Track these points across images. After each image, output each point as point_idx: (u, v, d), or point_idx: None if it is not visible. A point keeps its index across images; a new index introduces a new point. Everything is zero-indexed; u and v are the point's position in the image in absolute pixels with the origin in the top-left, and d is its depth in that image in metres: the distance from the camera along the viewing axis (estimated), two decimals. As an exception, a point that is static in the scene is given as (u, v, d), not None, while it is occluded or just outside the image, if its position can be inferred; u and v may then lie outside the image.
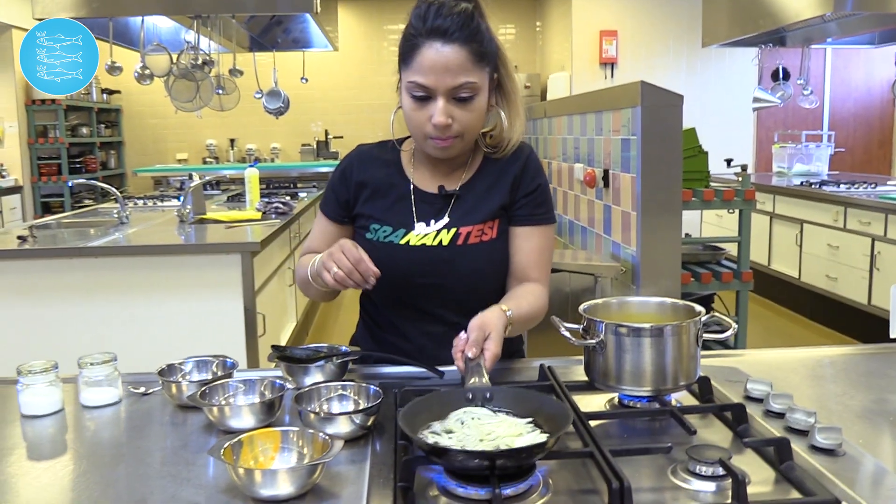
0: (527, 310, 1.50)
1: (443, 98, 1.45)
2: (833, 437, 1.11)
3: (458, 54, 1.43)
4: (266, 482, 1.01)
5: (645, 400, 1.32)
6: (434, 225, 1.58)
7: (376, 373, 1.59)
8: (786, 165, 6.87)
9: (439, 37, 1.42)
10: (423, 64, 1.43)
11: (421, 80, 1.44)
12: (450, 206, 1.59)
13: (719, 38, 5.18)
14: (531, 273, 1.60)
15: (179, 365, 1.47)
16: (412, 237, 1.57)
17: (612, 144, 3.31)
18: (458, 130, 1.48)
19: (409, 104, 1.49)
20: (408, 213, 1.60)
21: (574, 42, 7.85)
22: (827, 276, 5.47)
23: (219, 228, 3.96)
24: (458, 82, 1.44)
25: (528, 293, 1.55)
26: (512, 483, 1.01)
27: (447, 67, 1.42)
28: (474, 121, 1.50)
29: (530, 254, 1.60)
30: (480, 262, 1.57)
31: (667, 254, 3.03)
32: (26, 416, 1.35)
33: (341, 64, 9.45)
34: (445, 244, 1.56)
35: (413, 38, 1.45)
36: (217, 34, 4.86)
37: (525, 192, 1.60)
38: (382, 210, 1.61)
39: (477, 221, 1.58)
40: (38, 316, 3.36)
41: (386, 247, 1.57)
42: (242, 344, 3.44)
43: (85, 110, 8.54)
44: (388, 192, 1.62)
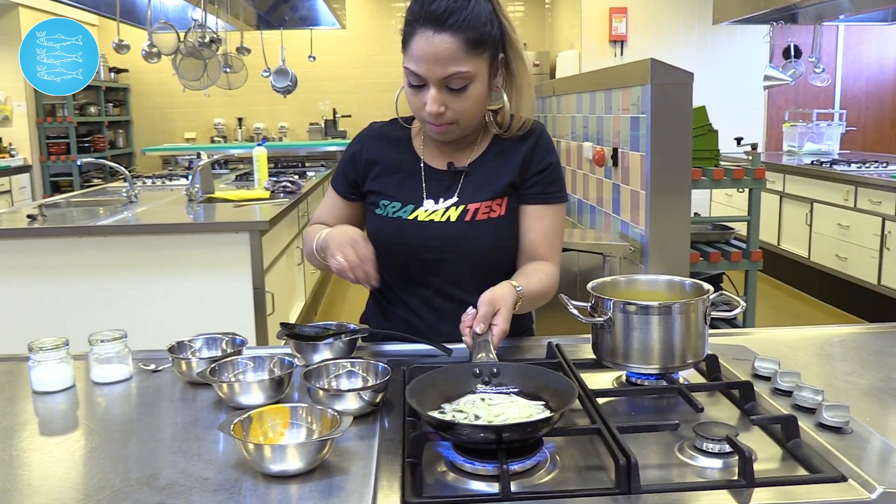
0: (537, 287, 1.50)
1: (434, 87, 1.44)
2: (840, 414, 1.11)
3: (449, 44, 1.41)
4: (275, 457, 1.02)
5: (653, 378, 1.32)
6: (443, 202, 1.58)
7: (384, 350, 1.60)
8: (796, 144, 6.83)
9: (432, 24, 1.41)
10: (415, 52, 1.44)
11: (413, 67, 1.45)
12: (459, 184, 1.59)
13: (730, 15, 5.13)
14: (542, 252, 1.60)
15: (189, 342, 1.48)
16: (420, 213, 1.58)
17: (622, 123, 3.30)
18: (451, 118, 1.48)
19: (408, 89, 1.50)
20: (417, 190, 1.60)
21: (583, 19, 7.79)
22: (837, 256, 5.44)
23: (227, 207, 3.97)
24: (449, 72, 1.43)
25: (538, 270, 1.55)
26: (519, 459, 1.02)
27: (438, 57, 1.42)
28: (469, 108, 1.49)
29: (541, 232, 1.60)
30: (487, 239, 1.57)
31: (676, 233, 3.02)
32: (38, 393, 1.36)
33: (349, 42, 9.41)
34: (453, 220, 1.56)
35: (409, 24, 1.45)
36: (224, 12, 4.85)
37: (536, 171, 1.60)
38: (392, 186, 1.61)
39: (485, 198, 1.58)
40: (47, 294, 3.38)
41: (395, 222, 1.59)
42: (251, 322, 3.46)
43: (93, 89, 8.55)
44: (397, 169, 1.63)
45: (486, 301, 1.36)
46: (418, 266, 1.59)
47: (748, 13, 4.93)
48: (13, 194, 7.26)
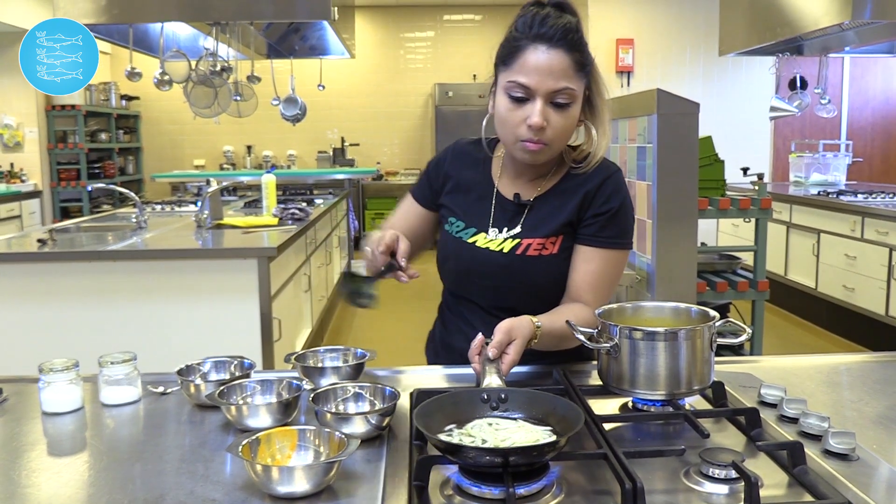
0: (560, 328, 1.47)
1: (541, 100, 1.46)
2: (846, 441, 1.11)
3: (561, 59, 1.46)
4: (283, 479, 1.02)
5: (659, 404, 1.32)
6: (506, 232, 1.61)
7: (392, 375, 1.60)
8: (803, 175, 6.84)
9: (546, 40, 1.46)
10: (526, 64, 1.46)
11: (523, 80, 1.46)
12: (523, 216, 1.61)
13: (736, 46, 5.17)
14: (584, 296, 1.57)
15: (198, 365, 1.49)
16: (480, 238, 1.62)
17: (629, 152, 3.32)
18: (550, 136, 1.49)
19: (506, 104, 1.50)
20: (485, 215, 1.64)
21: (591, 50, 7.85)
22: (844, 287, 5.43)
23: (236, 234, 3.99)
24: (559, 86, 1.46)
25: (569, 312, 1.52)
26: (526, 483, 1.02)
27: (550, 70, 1.45)
28: (566, 129, 1.52)
29: (586, 276, 1.57)
30: (535, 276, 1.58)
31: (682, 262, 3.03)
32: (47, 413, 1.37)
33: (358, 71, 9.50)
34: (506, 251, 1.58)
35: (517, 41, 1.48)
36: (235, 41, 4.90)
37: (596, 212, 1.58)
38: (462, 206, 1.67)
39: (542, 235, 1.58)
40: (56, 318, 3.40)
41: (455, 241, 1.64)
42: (258, 348, 3.46)
43: (104, 116, 8.64)
44: (470, 191, 1.67)
45: (502, 329, 1.37)
46: (472, 287, 1.65)
47: (754, 45, 4.97)
48: (23, 219, 7.31)
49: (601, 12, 7.81)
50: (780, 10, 4.54)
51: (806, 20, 4.28)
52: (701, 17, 7.74)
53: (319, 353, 1.54)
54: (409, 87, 9.80)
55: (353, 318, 6.30)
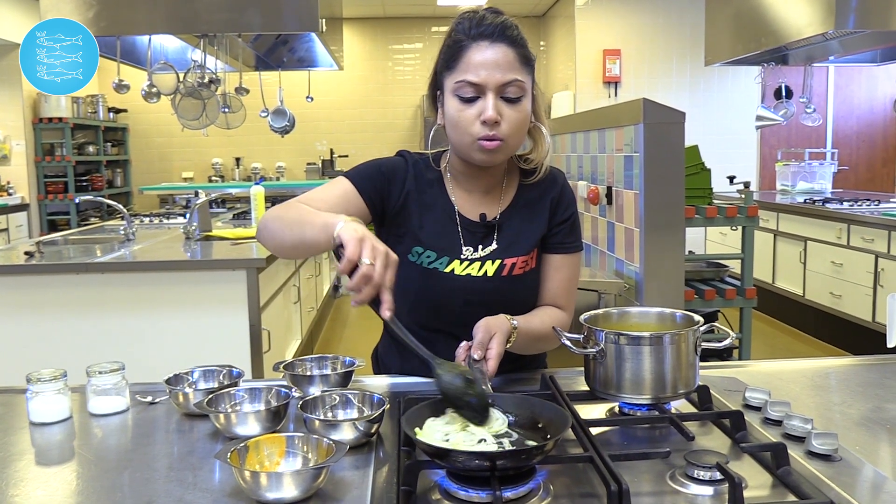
0: (537, 327, 1.51)
1: (492, 94, 1.44)
2: (829, 442, 1.12)
3: (506, 52, 1.45)
4: (271, 485, 1.03)
5: (645, 408, 1.34)
6: (482, 250, 1.57)
7: (380, 383, 1.61)
8: (789, 183, 6.89)
9: (487, 37, 1.45)
10: (471, 62, 1.44)
11: (471, 77, 1.44)
12: (494, 236, 1.58)
13: (722, 56, 5.21)
14: (559, 301, 1.62)
15: (186, 374, 1.49)
16: (456, 265, 1.55)
17: (616, 162, 3.34)
18: (505, 132, 1.45)
19: (456, 106, 1.46)
20: (453, 239, 1.57)
21: (578, 61, 7.91)
22: (831, 294, 5.47)
23: (224, 245, 3.99)
24: (508, 78, 1.44)
25: (543, 313, 1.57)
26: (513, 486, 1.03)
27: (497, 63, 1.44)
28: (520, 123, 1.48)
29: (561, 283, 1.62)
30: (524, 293, 1.59)
31: (670, 270, 3.05)
32: (35, 424, 1.37)
33: (346, 83, 9.52)
34: (490, 275, 1.55)
35: (459, 43, 1.47)
36: (223, 53, 4.91)
37: (560, 220, 1.61)
38: (428, 233, 1.56)
39: (523, 252, 1.58)
40: (44, 330, 3.38)
41: (431, 274, 1.55)
42: (248, 360, 3.46)
43: (92, 129, 8.62)
44: (433, 212, 1.58)
45: (481, 328, 1.38)
46: (447, 315, 1.55)
47: (739, 55, 5.01)
48: (10, 232, 7.28)
49: (588, 23, 7.86)
50: (765, 20, 4.58)
51: (790, 30, 4.32)
52: (687, 28, 7.80)
53: (308, 362, 1.55)
54: (397, 98, 9.82)
55: (342, 330, 6.29)
